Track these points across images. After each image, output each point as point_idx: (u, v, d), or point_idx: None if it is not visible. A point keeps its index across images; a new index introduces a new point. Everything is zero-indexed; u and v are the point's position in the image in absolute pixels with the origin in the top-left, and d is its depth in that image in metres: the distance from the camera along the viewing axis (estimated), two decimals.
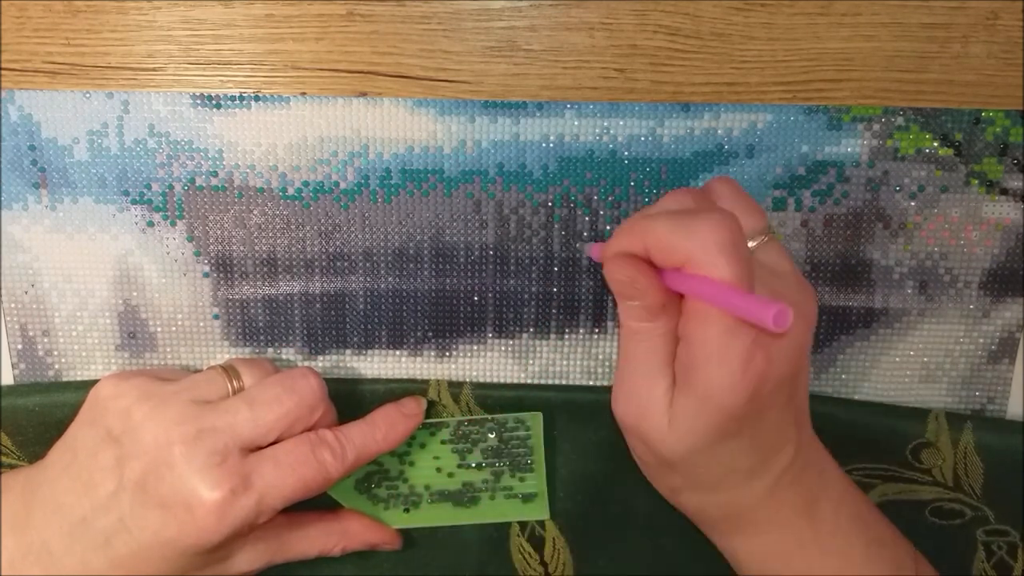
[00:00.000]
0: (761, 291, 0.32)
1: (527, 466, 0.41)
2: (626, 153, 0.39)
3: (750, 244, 0.34)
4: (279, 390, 0.36)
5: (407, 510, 0.40)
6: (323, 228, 0.40)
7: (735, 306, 0.29)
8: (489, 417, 0.41)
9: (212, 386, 0.36)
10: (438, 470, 0.41)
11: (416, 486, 0.41)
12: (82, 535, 0.34)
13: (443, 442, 0.41)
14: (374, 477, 0.41)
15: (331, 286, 0.41)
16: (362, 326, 0.41)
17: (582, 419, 0.41)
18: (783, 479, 0.34)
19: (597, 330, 0.41)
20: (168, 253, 0.41)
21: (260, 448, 0.35)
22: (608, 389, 0.42)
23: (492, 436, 0.41)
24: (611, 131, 0.39)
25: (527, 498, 0.40)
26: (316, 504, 0.38)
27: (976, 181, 0.40)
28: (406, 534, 0.41)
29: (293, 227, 0.40)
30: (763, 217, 0.35)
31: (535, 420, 0.41)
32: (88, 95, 0.39)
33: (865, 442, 0.41)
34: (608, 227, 0.40)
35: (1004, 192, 0.40)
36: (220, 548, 0.35)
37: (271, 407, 0.35)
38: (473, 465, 0.41)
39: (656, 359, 0.33)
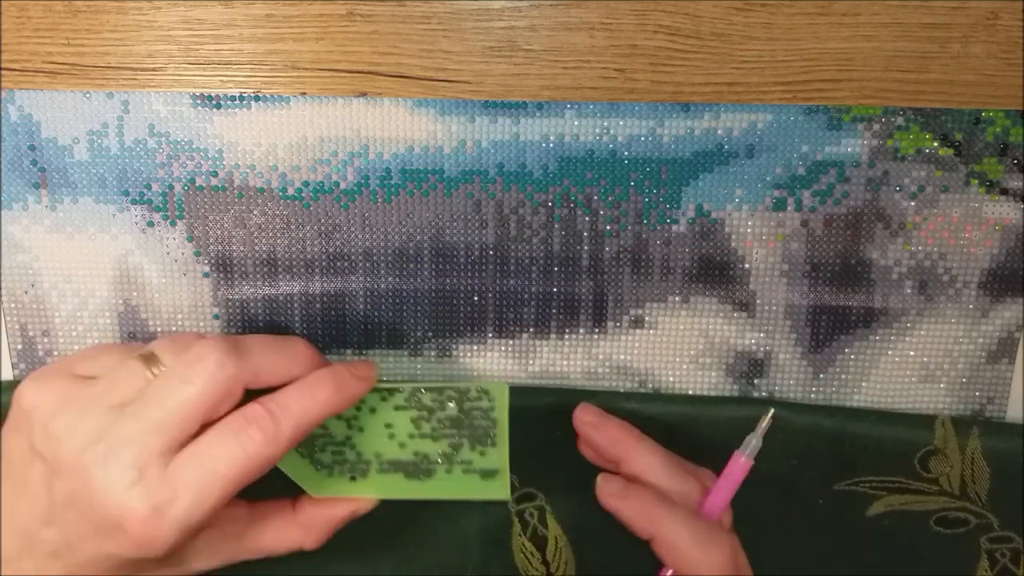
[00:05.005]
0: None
1: (489, 440, 0.38)
2: (626, 153, 0.39)
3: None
4: (183, 377, 0.33)
5: (353, 478, 0.38)
6: (323, 228, 0.40)
7: None
8: (449, 385, 0.38)
9: (132, 380, 0.34)
10: (390, 437, 0.38)
11: (364, 453, 0.38)
12: (31, 545, 0.33)
13: (396, 408, 0.38)
14: (317, 440, 0.38)
15: (331, 286, 0.41)
16: (362, 326, 0.41)
17: None
18: None
19: (597, 330, 0.41)
20: (168, 253, 0.41)
21: (191, 439, 0.33)
22: (608, 390, 0.42)
23: (452, 405, 0.38)
24: (611, 131, 0.39)
25: (487, 474, 0.38)
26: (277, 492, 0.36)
27: (976, 181, 0.40)
28: (407, 535, 0.41)
29: (293, 227, 0.40)
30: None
31: (500, 390, 0.37)
32: (88, 95, 0.39)
33: (873, 453, 0.41)
34: (608, 227, 0.40)
35: (1004, 192, 0.40)
36: (170, 554, 0.33)
37: (179, 405, 0.32)
38: (429, 435, 0.38)
39: None
